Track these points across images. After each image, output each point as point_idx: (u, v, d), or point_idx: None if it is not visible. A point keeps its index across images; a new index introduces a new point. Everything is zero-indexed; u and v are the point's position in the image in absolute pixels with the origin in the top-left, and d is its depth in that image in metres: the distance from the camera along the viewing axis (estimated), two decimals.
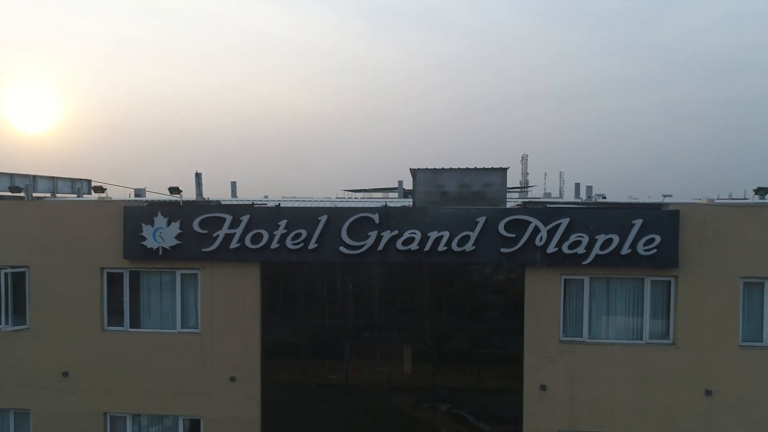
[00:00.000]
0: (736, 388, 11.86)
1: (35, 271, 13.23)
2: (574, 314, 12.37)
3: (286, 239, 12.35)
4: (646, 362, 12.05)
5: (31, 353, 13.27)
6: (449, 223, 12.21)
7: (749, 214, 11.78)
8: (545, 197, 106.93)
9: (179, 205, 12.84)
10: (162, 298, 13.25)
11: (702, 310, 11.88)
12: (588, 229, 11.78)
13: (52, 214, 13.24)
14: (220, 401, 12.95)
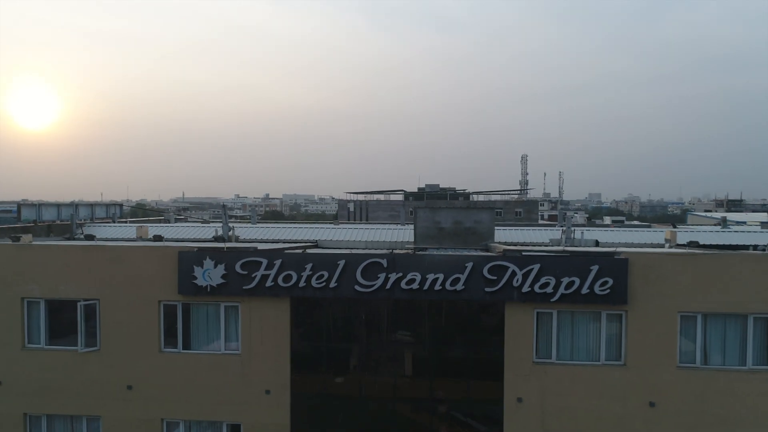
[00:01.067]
0: (674, 400, 14.74)
1: (104, 303, 16.12)
2: (544, 340, 15.25)
3: (311, 279, 15.22)
4: (603, 379, 14.94)
5: (102, 370, 16.16)
6: (443, 267, 15.05)
7: (684, 261, 14.65)
8: (544, 197, 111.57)
9: (224, 250, 15.70)
10: (208, 325, 16.14)
11: (647, 338, 14.76)
12: (555, 272, 14.64)
13: (118, 256, 16.12)
14: (257, 410, 15.84)
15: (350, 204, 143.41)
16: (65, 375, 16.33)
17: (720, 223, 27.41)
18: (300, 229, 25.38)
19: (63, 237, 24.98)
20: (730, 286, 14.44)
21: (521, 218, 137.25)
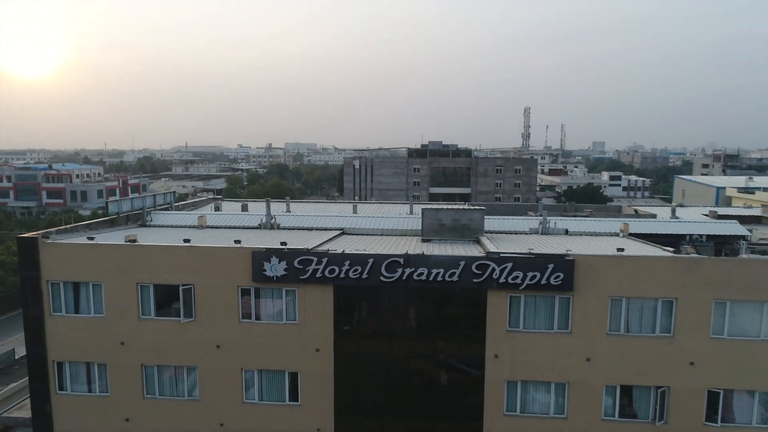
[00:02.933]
0: (604, 357, 21.06)
1: (198, 287, 22.26)
2: (514, 315, 21.43)
3: (349, 272, 21.25)
4: (554, 342, 21.22)
5: (197, 334, 22.49)
6: (443, 264, 21.02)
7: (613, 261, 20.62)
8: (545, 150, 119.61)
9: (285, 251, 21.66)
10: (274, 304, 22.33)
11: (586, 314, 20.91)
12: (523, 269, 20.63)
13: (208, 254, 22.12)
14: (310, 362, 22.25)
15: (355, 161, 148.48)
16: (170, 338, 22.70)
17: (672, 213, 33.01)
18: (328, 218, 31.23)
19: (137, 224, 31.07)
20: (644, 278, 20.46)
21: (520, 175, 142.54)
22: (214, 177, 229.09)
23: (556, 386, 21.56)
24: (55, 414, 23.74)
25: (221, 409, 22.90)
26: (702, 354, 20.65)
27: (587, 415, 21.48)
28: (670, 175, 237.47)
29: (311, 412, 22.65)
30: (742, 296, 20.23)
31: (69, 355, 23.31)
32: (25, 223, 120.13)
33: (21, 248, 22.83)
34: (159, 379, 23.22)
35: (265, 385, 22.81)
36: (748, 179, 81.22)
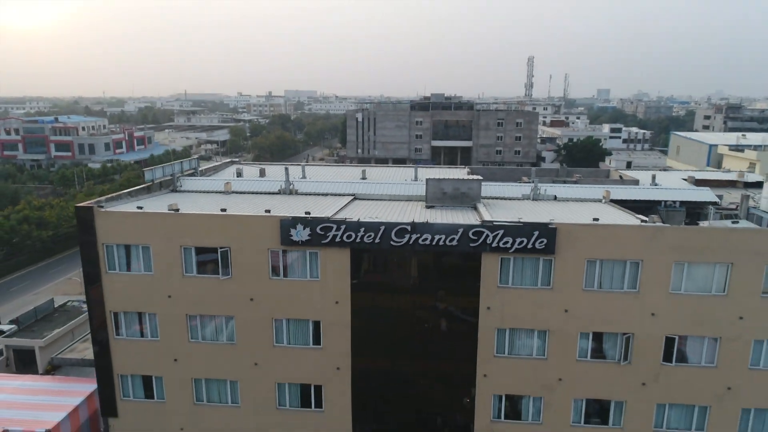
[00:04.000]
0: (580, 308, 24.92)
1: (234, 249, 25.91)
2: (505, 274, 25.14)
3: (363, 237, 24.81)
4: (538, 296, 25.03)
5: (234, 289, 26.31)
6: (445, 231, 24.55)
7: (589, 228, 24.13)
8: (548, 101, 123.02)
9: (309, 219, 25.15)
10: (299, 264, 26.02)
11: (565, 273, 24.61)
12: (512, 235, 24.16)
13: (242, 221, 25.64)
14: (330, 313, 26.18)
15: (358, 114, 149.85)
16: (210, 292, 26.57)
17: (652, 179, 36.15)
18: (341, 184, 34.54)
19: (169, 189, 34.47)
20: (615, 243, 24.04)
21: (521, 128, 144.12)
22: (217, 128, 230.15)
23: (539, 333, 25.57)
24: (114, 355, 27.97)
25: (255, 351, 27.06)
26: (662, 307, 24.50)
27: (564, 356, 25.58)
28: (672, 126, 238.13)
29: (331, 353, 26.80)
30: (697, 259, 23.86)
31: (124, 306, 27.28)
32: (37, 176, 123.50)
33: (79, 216, 26.34)
34: (201, 326, 27.28)
35: (293, 331, 26.86)
36: (741, 136, 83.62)
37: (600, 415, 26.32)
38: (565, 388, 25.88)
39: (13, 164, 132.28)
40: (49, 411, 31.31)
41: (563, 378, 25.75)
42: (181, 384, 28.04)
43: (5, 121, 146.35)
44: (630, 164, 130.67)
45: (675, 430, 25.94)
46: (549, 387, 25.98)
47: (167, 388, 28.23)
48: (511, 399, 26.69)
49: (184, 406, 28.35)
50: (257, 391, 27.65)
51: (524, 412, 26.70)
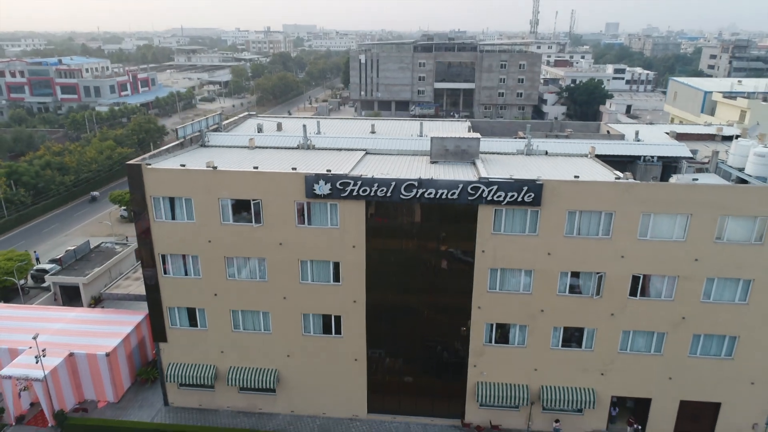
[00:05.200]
0: (561, 252, 29.31)
1: (265, 201, 30.04)
2: (498, 223, 29.36)
3: (377, 191, 28.87)
4: (526, 242, 29.38)
5: (265, 235, 30.68)
6: (447, 186, 28.56)
7: (570, 184, 28.12)
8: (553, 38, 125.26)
9: (330, 176, 29.09)
10: (321, 213, 30.17)
11: (549, 222, 28.82)
12: (505, 190, 28.19)
13: (273, 178, 29.62)
14: (348, 255, 30.65)
15: (361, 56, 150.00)
16: (244, 238, 30.94)
17: (635, 135, 39.59)
18: (353, 139, 38.19)
19: (198, 144, 38.20)
20: (592, 197, 28.09)
21: (524, 70, 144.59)
22: (218, 68, 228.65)
23: (525, 272, 30.12)
24: (162, 291, 32.75)
25: (284, 287, 31.77)
26: (630, 250, 28.88)
27: (546, 291, 30.25)
28: (678, 65, 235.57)
29: (349, 289, 31.51)
30: (661, 210, 27.98)
31: (170, 249, 31.75)
32: (47, 120, 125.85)
33: (129, 172, 30.29)
34: (237, 266, 31.86)
35: (316, 270, 31.45)
36: (737, 83, 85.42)
37: (575, 340, 31.36)
38: (547, 317, 30.74)
39: (22, 107, 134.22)
40: (105, 338, 36.63)
41: (545, 309, 30.56)
42: (221, 315, 32.98)
43: (9, 63, 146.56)
44: (629, 108, 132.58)
45: (637, 352, 31.02)
46: (533, 317, 30.84)
47: (209, 319, 33.21)
48: (501, 326, 31.63)
49: (224, 333, 33.44)
50: (286, 320, 32.62)
51: (512, 337, 31.72)
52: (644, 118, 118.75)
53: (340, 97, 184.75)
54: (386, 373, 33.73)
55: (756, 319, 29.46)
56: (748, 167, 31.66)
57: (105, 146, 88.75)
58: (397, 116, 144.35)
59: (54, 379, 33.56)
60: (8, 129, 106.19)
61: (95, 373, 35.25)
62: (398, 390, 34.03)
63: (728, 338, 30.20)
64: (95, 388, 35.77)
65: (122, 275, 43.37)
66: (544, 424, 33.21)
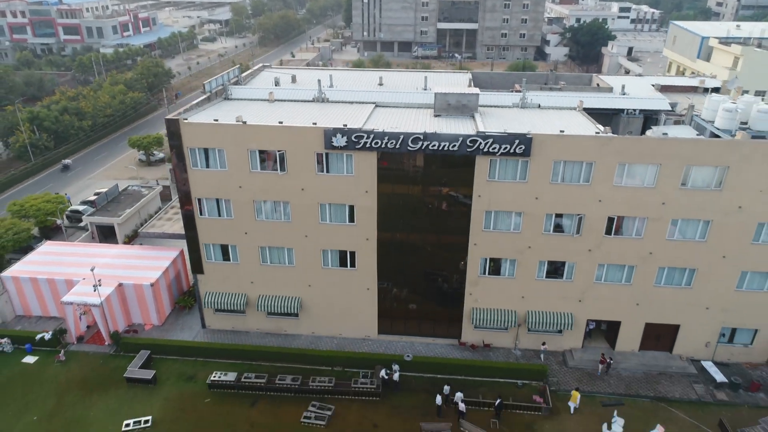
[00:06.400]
0: (547, 196, 33.73)
1: (288, 152, 34.18)
2: (492, 171, 33.62)
3: (387, 143, 32.97)
4: (516, 188, 33.75)
5: (291, 182, 35.01)
6: (448, 139, 32.61)
7: (556, 138, 32.17)
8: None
9: (346, 130, 33.06)
10: (338, 163, 34.39)
11: (538, 170, 33.06)
12: (499, 142, 32.26)
13: (295, 131, 33.62)
14: (361, 199, 35.13)
15: None
16: (270, 184, 35.30)
17: (621, 89, 42.94)
18: (363, 92, 41.75)
19: (222, 97, 41.85)
20: (575, 149, 32.21)
21: (528, 10, 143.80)
22: (217, 5, 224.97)
23: (516, 214, 34.69)
24: (199, 230, 37.50)
25: (305, 227, 36.47)
26: (607, 195, 33.30)
27: (533, 230, 34.93)
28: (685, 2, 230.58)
29: (362, 228, 36.21)
30: (635, 161, 32.16)
31: (205, 194, 36.21)
32: (54, 62, 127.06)
33: (168, 126, 34.24)
34: (265, 209, 36.42)
35: (333, 212, 36.02)
36: (736, 27, 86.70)
37: (557, 272, 36.38)
38: (533, 253, 35.61)
39: (27, 50, 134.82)
40: (148, 270, 41.82)
41: (532, 246, 35.38)
42: (251, 250, 37.89)
43: (9, 3, 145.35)
44: (631, 50, 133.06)
45: (610, 282, 36.11)
46: (521, 252, 35.70)
47: (240, 254, 38.14)
48: (494, 261, 36.56)
49: (253, 266, 38.48)
50: (307, 255, 37.56)
51: (503, 270, 36.73)
52: (644, 60, 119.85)
53: (342, 37, 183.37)
54: (394, 300, 39.03)
55: (712, 254, 34.31)
56: (717, 121, 35.53)
57: (117, 91, 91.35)
58: (399, 57, 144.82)
59: (108, 305, 38.94)
60: (18, 72, 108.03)
61: (141, 300, 40.64)
62: (404, 315, 39.47)
63: (688, 270, 35.17)
64: (142, 314, 41.29)
65: (155, 215, 48.09)
66: (529, 343, 38.87)
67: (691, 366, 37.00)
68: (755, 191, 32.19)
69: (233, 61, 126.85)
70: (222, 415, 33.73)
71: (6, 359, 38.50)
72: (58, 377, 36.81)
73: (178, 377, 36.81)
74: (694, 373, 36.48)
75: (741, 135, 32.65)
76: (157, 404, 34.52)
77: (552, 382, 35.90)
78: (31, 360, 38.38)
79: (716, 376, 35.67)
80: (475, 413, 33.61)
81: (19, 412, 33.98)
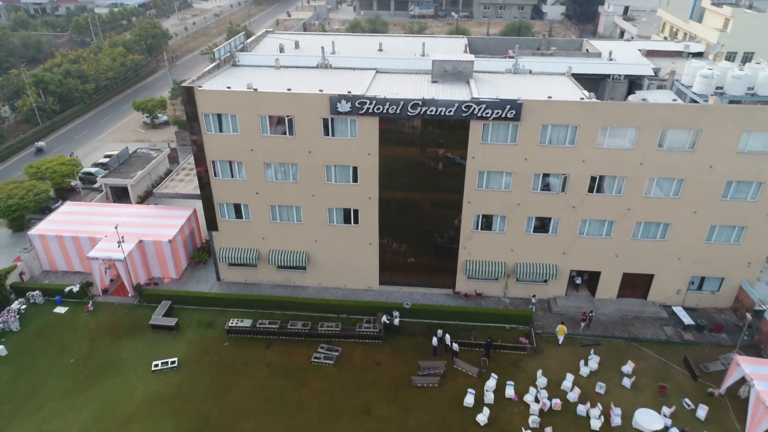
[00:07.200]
0: (536, 157, 36.67)
1: (296, 118, 36.81)
2: (486, 134, 36.42)
3: (389, 109, 35.62)
4: (507, 149, 36.64)
5: (296, 145, 37.76)
6: (444, 105, 35.28)
7: (544, 103, 34.88)
8: None
9: (350, 96, 35.61)
10: (343, 127, 37.07)
11: (527, 133, 35.89)
12: (492, 108, 34.97)
13: (303, 98, 36.16)
14: (364, 160, 38.00)
15: None
16: (280, 147, 38.06)
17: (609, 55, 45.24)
18: (364, 59, 43.96)
19: (230, 64, 44.06)
20: (561, 114, 34.97)
21: None
22: None
23: (506, 174, 37.70)
24: (214, 190, 40.44)
25: (312, 186, 39.44)
26: (590, 156, 36.27)
27: (523, 189, 38.04)
28: None
29: (365, 188, 39.22)
30: (616, 124, 35.01)
31: (219, 156, 38.98)
32: (49, 23, 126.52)
33: (184, 92, 36.67)
34: (274, 170, 39.29)
35: (338, 173, 38.94)
36: None
37: (543, 227, 39.72)
38: (522, 209, 38.83)
39: (21, 10, 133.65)
40: (165, 228, 44.96)
41: (521, 203, 38.57)
42: (262, 209, 40.96)
43: None
44: (627, 9, 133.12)
45: (591, 236, 39.52)
46: (511, 209, 38.92)
47: (252, 212, 41.23)
48: (486, 217, 39.80)
49: (264, 224, 41.64)
50: (314, 213, 40.69)
51: (494, 225, 40.02)
52: (639, 20, 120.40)
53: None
54: (394, 254, 42.44)
55: (685, 209, 37.62)
56: (694, 86, 38.20)
57: (117, 53, 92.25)
58: (396, 17, 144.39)
59: (130, 260, 42.23)
60: (15, 34, 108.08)
61: (160, 255, 43.93)
62: (403, 267, 42.97)
63: (663, 225, 38.55)
64: (161, 268, 44.66)
65: (168, 177, 50.88)
66: (517, 292, 42.61)
67: (662, 311, 40.91)
68: (725, 152, 35.22)
69: (230, 21, 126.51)
70: (240, 356, 37.53)
71: (39, 309, 42.02)
72: (88, 325, 40.43)
73: (198, 324, 40.48)
74: (665, 317, 40.41)
75: (713, 100, 35.43)
76: (181, 348, 38.27)
77: (537, 326, 39.77)
78: (62, 310, 41.91)
79: (684, 319, 39.58)
80: (467, 353, 37.53)
81: (57, 355, 37.70)
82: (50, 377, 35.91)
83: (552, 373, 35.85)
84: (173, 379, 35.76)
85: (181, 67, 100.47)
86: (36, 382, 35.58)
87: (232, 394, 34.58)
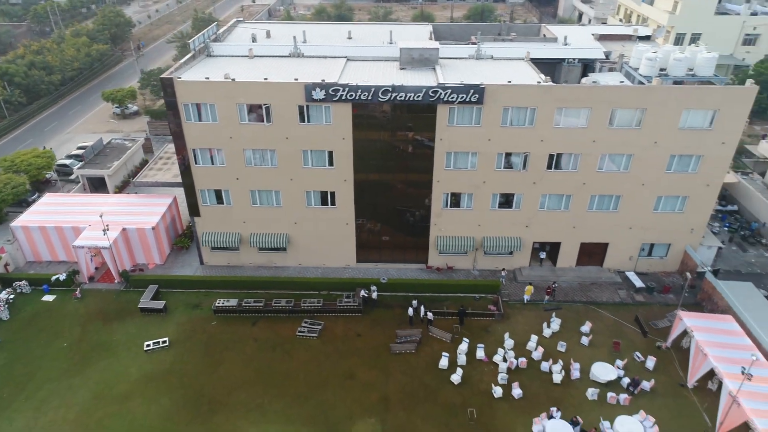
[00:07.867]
0: (499, 139, 39.56)
1: (273, 105, 38.75)
2: (452, 117, 39.07)
3: (361, 95, 37.89)
4: (472, 132, 39.43)
5: (277, 132, 39.73)
6: (413, 90, 37.73)
7: (505, 87, 37.70)
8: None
9: (324, 84, 37.71)
10: (318, 114, 39.19)
11: (490, 115, 38.71)
12: (457, 92, 37.58)
13: (280, 87, 38.08)
14: (339, 144, 40.24)
15: None
16: (258, 134, 39.98)
17: (564, 40, 48.34)
18: (335, 47, 45.94)
19: (205, 54, 45.49)
20: (521, 97, 37.85)
21: None
22: None
23: (472, 154, 40.53)
24: (195, 177, 42.14)
25: (290, 171, 41.53)
26: (547, 136, 39.37)
27: (487, 168, 40.97)
28: None
29: (340, 171, 41.54)
30: (571, 105, 38.11)
31: (199, 144, 40.66)
32: (6, 12, 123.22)
33: (163, 83, 38.15)
34: (254, 156, 41.19)
35: (315, 158, 41.13)
36: None
37: (507, 203, 42.84)
38: (487, 187, 41.82)
39: None
40: (147, 216, 46.48)
41: (486, 181, 41.53)
42: (242, 194, 42.89)
43: None
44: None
45: (551, 209, 42.85)
46: (477, 187, 41.86)
47: (232, 197, 43.12)
48: (455, 195, 42.66)
49: (245, 208, 43.62)
50: (292, 196, 42.85)
51: (462, 202, 42.95)
52: (597, 2, 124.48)
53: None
54: (370, 233, 45.02)
55: (633, 182, 41.20)
56: (641, 68, 41.59)
57: (81, 43, 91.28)
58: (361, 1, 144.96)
59: (115, 248, 43.71)
60: None
61: (144, 242, 45.49)
62: (379, 245, 45.64)
63: (615, 197, 42.12)
64: (145, 254, 46.23)
65: (146, 167, 52.07)
66: (485, 264, 45.82)
67: (617, 276, 44.74)
68: (668, 129, 38.76)
69: (195, 9, 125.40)
70: (228, 333, 39.75)
71: (27, 298, 43.24)
72: (78, 311, 41.93)
73: (185, 306, 42.42)
74: (619, 282, 44.25)
75: (656, 81, 38.87)
76: (171, 328, 40.23)
77: (504, 294, 43.09)
78: (50, 298, 43.22)
79: (636, 283, 43.46)
80: (441, 321, 40.60)
81: (50, 341, 39.22)
82: (45, 361, 37.48)
83: (518, 335, 39.23)
84: (165, 357, 37.78)
85: (148, 56, 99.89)
86: (32, 366, 37.13)
87: (224, 369, 36.86)
